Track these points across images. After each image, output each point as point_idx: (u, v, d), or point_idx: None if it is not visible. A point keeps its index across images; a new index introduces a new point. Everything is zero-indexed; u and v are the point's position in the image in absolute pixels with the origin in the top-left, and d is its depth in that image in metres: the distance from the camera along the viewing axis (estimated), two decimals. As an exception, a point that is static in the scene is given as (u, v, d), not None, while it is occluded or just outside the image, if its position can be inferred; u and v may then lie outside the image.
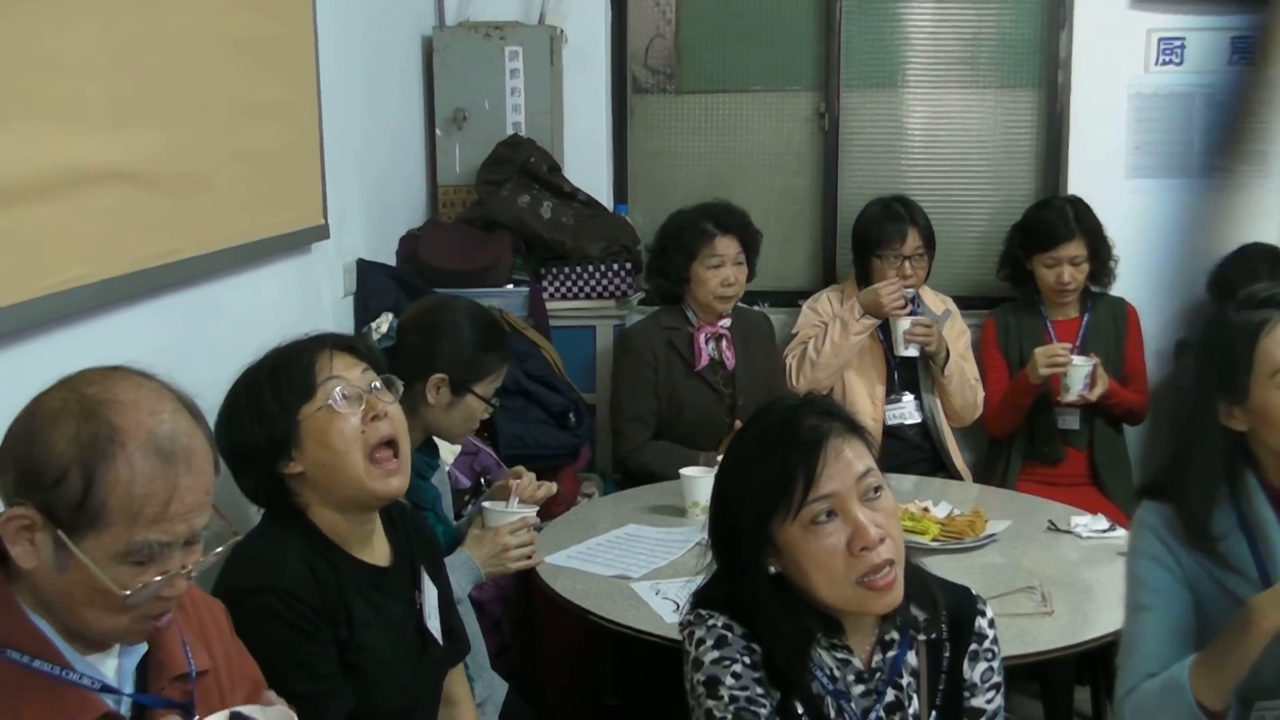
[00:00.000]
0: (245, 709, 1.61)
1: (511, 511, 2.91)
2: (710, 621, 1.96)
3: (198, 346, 2.82)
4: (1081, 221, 4.33)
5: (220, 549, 1.70)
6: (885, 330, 4.26)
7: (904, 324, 4.18)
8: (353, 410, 2.29)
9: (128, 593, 1.55)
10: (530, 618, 3.50)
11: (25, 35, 2.15)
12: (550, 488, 3.06)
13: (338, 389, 2.28)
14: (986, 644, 2.03)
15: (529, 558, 2.95)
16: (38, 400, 1.60)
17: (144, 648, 1.70)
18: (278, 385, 2.29)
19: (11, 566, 1.58)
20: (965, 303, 4.64)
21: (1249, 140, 4.54)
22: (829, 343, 4.24)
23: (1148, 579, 2.23)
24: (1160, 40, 4.63)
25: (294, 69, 3.37)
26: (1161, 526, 2.23)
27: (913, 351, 4.22)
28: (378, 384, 2.35)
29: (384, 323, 3.18)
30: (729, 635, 1.94)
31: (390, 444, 2.33)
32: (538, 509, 2.98)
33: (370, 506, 2.36)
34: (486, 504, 2.96)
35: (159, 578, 1.57)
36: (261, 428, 2.28)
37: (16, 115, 2.13)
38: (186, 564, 1.61)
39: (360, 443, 2.28)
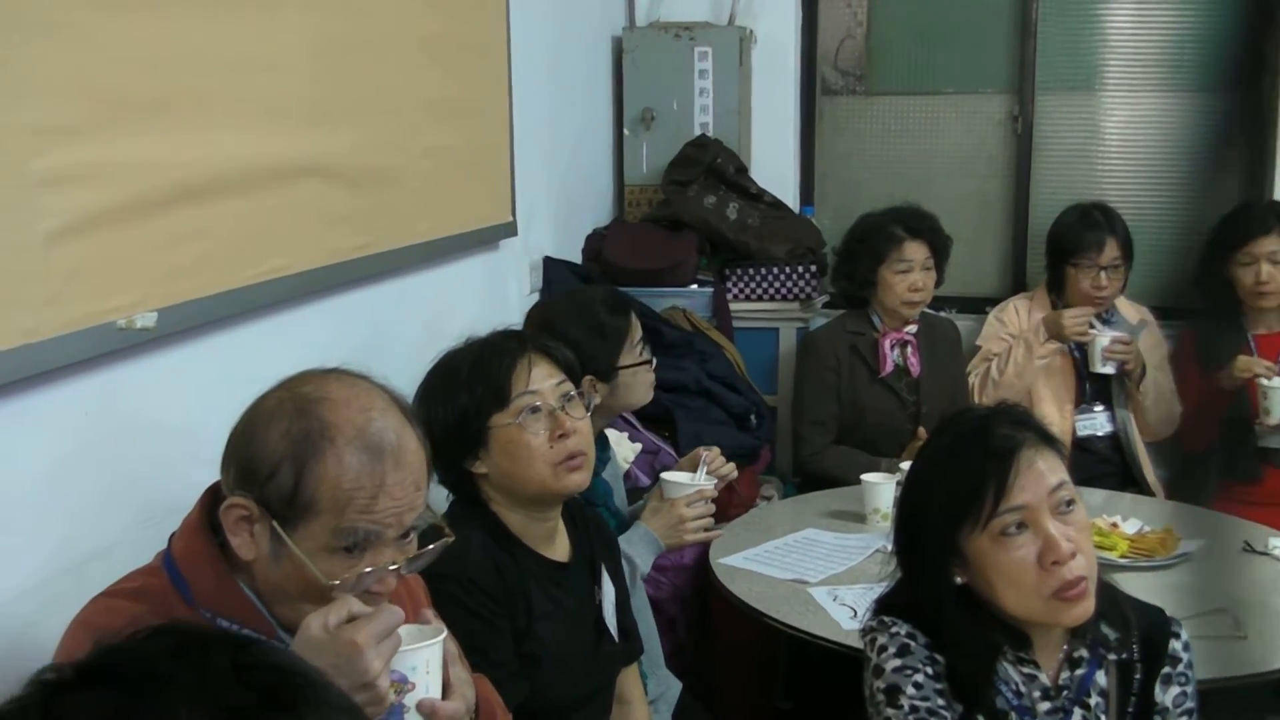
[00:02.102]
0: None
1: (689, 484, 2.90)
2: (893, 629, 1.93)
3: (387, 340, 2.89)
4: None
5: (433, 546, 1.72)
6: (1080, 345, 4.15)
7: (1103, 340, 4.05)
8: (541, 429, 2.31)
9: (335, 582, 1.59)
10: (706, 618, 3.50)
11: (233, 38, 2.24)
12: (733, 468, 3.05)
13: (529, 405, 2.31)
14: (1180, 667, 1.96)
15: (706, 530, 2.93)
16: (259, 400, 1.66)
17: None
18: (474, 383, 2.31)
19: (233, 559, 1.64)
20: (1162, 313, 4.49)
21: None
22: (1012, 364, 4.14)
23: None
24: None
25: (486, 68, 3.43)
26: None
27: (1110, 369, 4.09)
28: (570, 396, 2.37)
29: None
30: (912, 644, 1.91)
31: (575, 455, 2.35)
32: (716, 483, 2.96)
33: (552, 503, 2.39)
34: (665, 475, 2.96)
35: (369, 569, 1.61)
36: (453, 419, 2.31)
37: (224, 113, 2.21)
38: (397, 559, 1.64)
39: (545, 458, 2.31)
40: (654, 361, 3.10)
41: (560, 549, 2.44)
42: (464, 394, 2.31)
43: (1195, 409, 4.22)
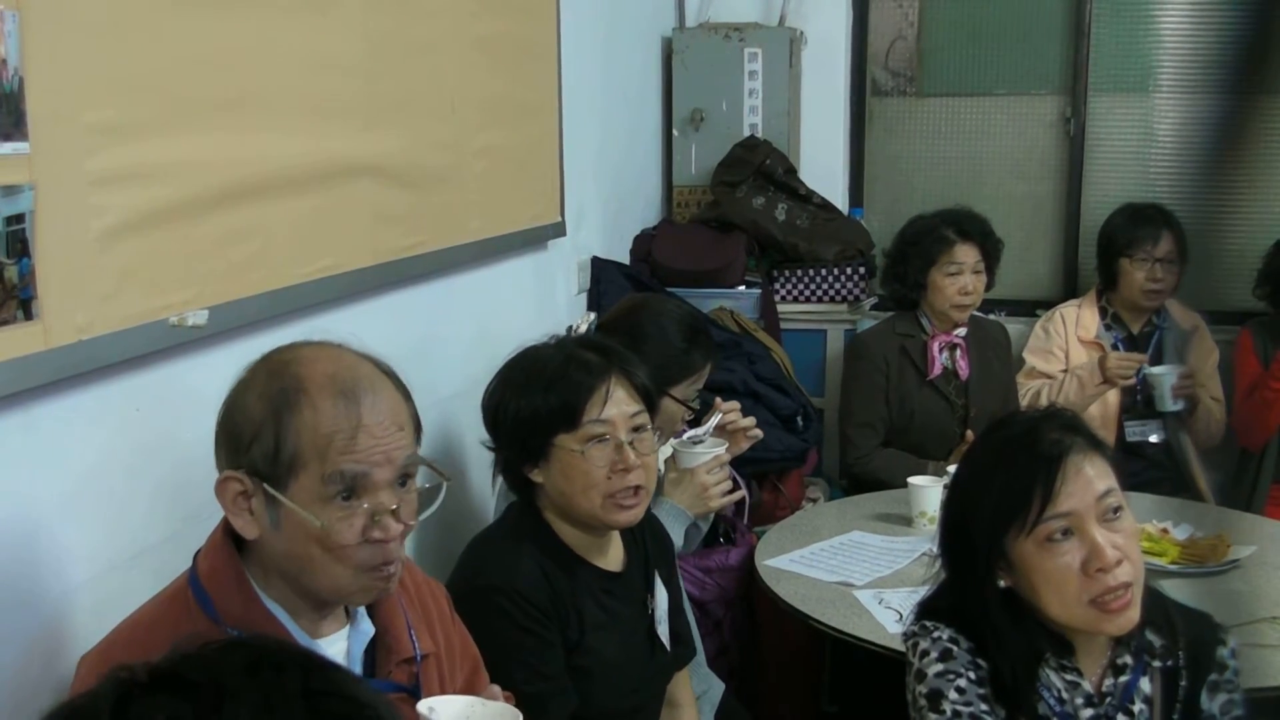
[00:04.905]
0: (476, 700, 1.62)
1: (703, 451, 2.89)
2: (935, 633, 1.92)
3: (438, 339, 2.90)
4: None
5: (431, 486, 1.72)
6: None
7: (1169, 379, 4.02)
8: (603, 461, 2.28)
9: (319, 523, 1.58)
10: (751, 620, 3.50)
11: (288, 39, 2.26)
12: (752, 421, 3.05)
13: (597, 434, 2.28)
14: (1228, 675, 1.94)
15: (728, 494, 2.92)
16: (238, 378, 1.68)
17: (371, 631, 1.75)
18: (550, 391, 2.29)
19: (242, 543, 1.66)
20: (1215, 317, 4.43)
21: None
22: (1063, 397, 4.12)
23: None
24: None
25: (537, 69, 3.44)
26: None
27: (1181, 405, 4.06)
28: (641, 430, 2.33)
29: (585, 323, 3.20)
30: (954, 649, 1.90)
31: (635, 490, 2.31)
32: (726, 445, 2.95)
33: (601, 532, 2.38)
34: (675, 444, 2.94)
35: (367, 506, 1.60)
36: (522, 417, 2.31)
37: (278, 113, 2.24)
38: (397, 504, 1.63)
39: (600, 489, 2.28)
40: (692, 414, 3.07)
41: (614, 558, 2.43)
42: (539, 397, 2.29)
43: (1257, 403, 4.12)
